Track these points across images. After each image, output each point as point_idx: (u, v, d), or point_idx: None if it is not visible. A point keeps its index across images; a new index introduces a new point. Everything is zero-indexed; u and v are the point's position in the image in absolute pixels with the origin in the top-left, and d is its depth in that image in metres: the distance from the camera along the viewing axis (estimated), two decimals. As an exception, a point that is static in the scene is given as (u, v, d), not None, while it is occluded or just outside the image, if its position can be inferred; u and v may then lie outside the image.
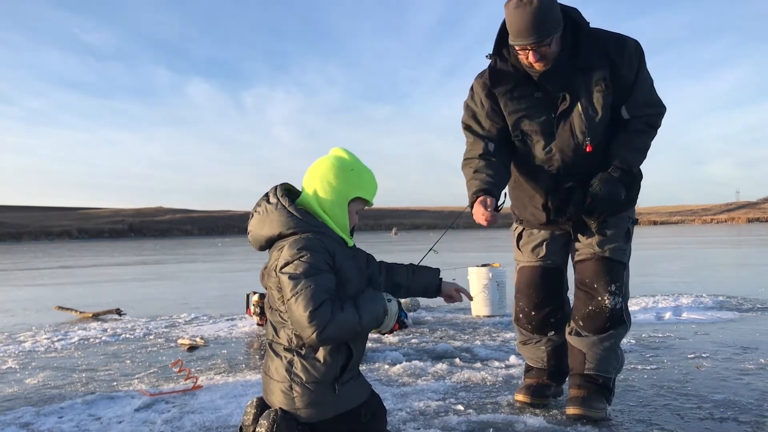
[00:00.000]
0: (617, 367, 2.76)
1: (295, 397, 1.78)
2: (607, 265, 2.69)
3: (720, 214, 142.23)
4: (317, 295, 1.70)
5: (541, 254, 2.86)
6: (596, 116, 2.55)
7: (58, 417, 2.91)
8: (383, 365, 3.83)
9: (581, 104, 2.55)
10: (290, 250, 1.76)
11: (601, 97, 2.53)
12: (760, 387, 3.13)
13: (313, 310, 1.68)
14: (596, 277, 2.69)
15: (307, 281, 1.71)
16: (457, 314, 6.14)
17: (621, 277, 2.70)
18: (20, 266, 19.75)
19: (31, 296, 9.42)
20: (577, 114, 2.56)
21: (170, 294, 9.34)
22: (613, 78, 2.54)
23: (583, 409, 2.65)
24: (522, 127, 2.67)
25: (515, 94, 2.63)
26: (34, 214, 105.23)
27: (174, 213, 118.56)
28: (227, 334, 5.23)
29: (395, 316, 1.86)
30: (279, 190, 1.90)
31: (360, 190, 1.90)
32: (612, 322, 2.68)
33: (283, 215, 1.82)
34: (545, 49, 2.43)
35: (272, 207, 1.85)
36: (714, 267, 11.86)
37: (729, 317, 5.47)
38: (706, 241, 25.25)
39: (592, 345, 2.71)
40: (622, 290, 2.70)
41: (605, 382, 2.71)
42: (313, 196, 1.87)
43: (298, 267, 1.73)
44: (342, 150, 1.94)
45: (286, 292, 1.74)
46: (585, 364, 2.72)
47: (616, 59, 2.53)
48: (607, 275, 2.67)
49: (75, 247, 41.80)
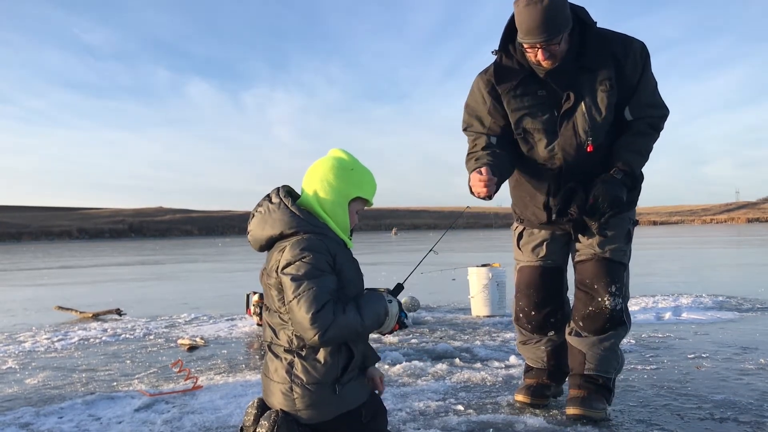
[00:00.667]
0: (617, 367, 2.75)
1: (296, 399, 1.78)
2: (607, 266, 2.68)
3: (720, 214, 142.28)
4: (320, 296, 1.70)
5: (542, 254, 2.86)
6: (599, 116, 2.55)
7: (58, 417, 2.91)
8: (383, 365, 3.83)
9: (585, 103, 2.55)
10: (292, 251, 1.76)
11: (606, 97, 2.53)
12: (760, 387, 3.13)
13: (316, 312, 1.68)
14: (596, 277, 2.68)
15: (309, 283, 1.71)
16: (457, 314, 6.14)
17: (621, 278, 2.70)
18: (20, 266, 19.75)
19: (31, 296, 9.42)
20: (580, 113, 2.56)
21: (170, 294, 9.34)
22: (618, 78, 2.53)
23: (583, 410, 2.65)
24: (524, 125, 2.66)
25: (519, 92, 2.62)
26: (34, 214, 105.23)
27: (174, 213, 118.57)
28: (227, 334, 5.23)
29: (396, 317, 1.87)
30: (281, 191, 1.91)
31: (360, 189, 1.91)
32: (612, 323, 2.67)
33: (286, 215, 1.82)
34: (555, 47, 2.43)
35: (275, 207, 1.85)
36: (714, 267, 11.86)
37: (729, 317, 5.47)
38: (706, 241, 25.25)
39: (591, 345, 2.70)
40: (622, 291, 2.70)
41: (605, 382, 2.71)
42: (313, 196, 1.87)
43: (300, 268, 1.73)
44: (341, 151, 1.95)
45: (288, 293, 1.74)
46: (585, 364, 2.72)
47: (621, 59, 2.53)
48: (607, 276, 2.67)
49: (75, 247, 41.81)
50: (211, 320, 6.12)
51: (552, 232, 2.84)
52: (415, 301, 6.20)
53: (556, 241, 2.85)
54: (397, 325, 1.89)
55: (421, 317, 5.90)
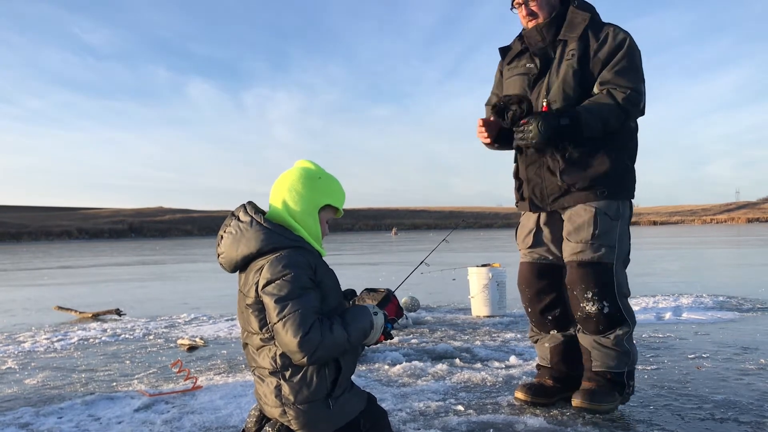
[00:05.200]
0: (627, 362, 2.72)
1: (291, 420, 1.75)
2: (580, 272, 2.68)
3: (720, 214, 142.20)
4: (306, 318, 1.66)
5: (529, 244, 2.94)
6: (558, 80, 2.74)
7: (58, 417, 2.91)
8: (383, 365, 3.83)
9: (551, 71, 2.78)
10: (272, 269, 1.72)
11: (567, 65, 2.73)
12: (760, 387, 3.13)
13: (304, 336, 1.64)
14: (573, 284, 2.72)
15: (293, 304, 1.67)
16: (457, 314, 6.14)
17: (598, 281, 2.66)
18: (20, 266, 19.75)
19: (31, 296, 9.42)
20: (545, 80, 2.79)
21: (170, 294, 9.35)
22: (590, 55, 2.71)
23: (586, 402, 2.67)
24: (508, 93, 2.88)
25: (512, 64, 2.97)
26: (34, 214, 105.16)
27: (174, 213, 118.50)
28: (227, 334, 5.23)
29: (381, 329, 1.85)
30: (249, 207, 1.86)
31: (329, 197, 1.89)
32: (605, 325, 2.67)
33: (260, 231, 1.77)
34: (533, 4, 2.80)
35: (246, 225, 1.80)
36: (714, 267, 11.86)
37: (729, 317, 5.47)
38: (706, 241, 25.25)
39: (593, 343, 2.72)
40: (604, 292, 2.65)
41: (614, 377, 2.71)
42: (283, 208, 1.84)
43: (283, 288, 1.69)
44: (307, 161, 1.94)
45: (272, 315, 1.69)
46: (591, 361, 2.74)
47: (596, 38, 2.72)
48: (582, 283, 2.67)
49: (75, 247, 41.81)
50: (211, 320, 6.12)
51: (536, 221, 2.91)
52: (415, 301, 6.20)
53: (540, 233, 2.91)
54: (383, 337, 1.88)
55: (421, 317, 5.90)
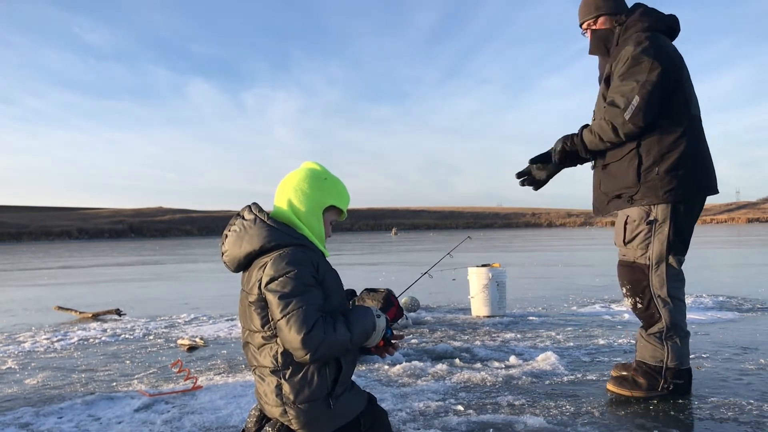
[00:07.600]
0: (662, 358, 2.94)
1: (291, 419, 1.75)
2: (619, 270, 3.09)
3: (720, 214, 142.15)
4: (309, 316, 1.67)
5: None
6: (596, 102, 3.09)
7: (58, 417, 2.91)
8: (383, 365, 3.83)
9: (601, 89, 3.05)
10: (275, 266, 1.72)
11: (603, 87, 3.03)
12: (760, 387, 3.13)
13: (307, 333, 1.65)
14: (619, 281, 3.11)
15: (297, 301, 1.67)
16: (457, 314, 6.14)
17: (630, 279, 3.00)
18: (20, 266, 19.75)
19: (31, 296, 9.42)
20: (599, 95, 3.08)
21: (170, 294, 9.34)
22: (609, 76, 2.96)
23: (613, 386, 3.07)
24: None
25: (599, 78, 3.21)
26: (34, 214, 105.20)
27: (174, 213, 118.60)
28: (227, 335, 5.23)
29: (382, 332, 1.85)
30: (253, 207, 1.88)
31: (334, 198, 1.90)
32: (644, 320, 2.99)
33: (263, 229, 1.79)
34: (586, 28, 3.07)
35: (250, 223, 1.82)
36: (714, 267, 11.85)
37: (729, 317, 5.47)
38: (706, 241, 25.24)
39: (638, 335, 3.05)
40: (636, 290, 2.97)
41: (650, 369, 2.97)
42: (288, 207, 1.85)
43: (286, 285, 1.70)
44: (313, 163, 1.96)
45: (275, 312, 1.70)
46: (636, 350, 3.06)
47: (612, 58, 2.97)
48: (620, 279, 3.09)
49: (75, 247, 41.82)
50: (211, 320, 6.12)
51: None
52: (415, 301, 6.20)
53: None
54: (382, 341, 1.89)
55: (421, 317, 5.89)
